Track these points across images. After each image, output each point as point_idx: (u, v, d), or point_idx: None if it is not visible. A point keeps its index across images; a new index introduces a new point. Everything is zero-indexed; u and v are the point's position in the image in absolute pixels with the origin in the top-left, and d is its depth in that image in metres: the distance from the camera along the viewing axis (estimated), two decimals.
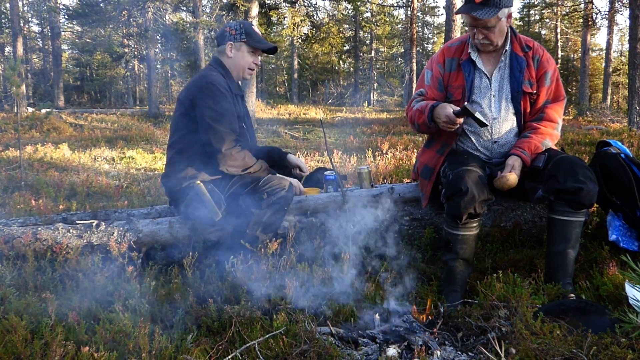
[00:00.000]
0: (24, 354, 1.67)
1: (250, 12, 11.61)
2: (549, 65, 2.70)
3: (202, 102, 2.62)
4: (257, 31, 2.82)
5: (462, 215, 2.37)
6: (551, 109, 2.70)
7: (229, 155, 2.61)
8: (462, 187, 2.35)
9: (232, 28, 2.78)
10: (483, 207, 2.41)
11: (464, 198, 2.34)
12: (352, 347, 1.90)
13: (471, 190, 2.34)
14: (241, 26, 2.78)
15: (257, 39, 2.79)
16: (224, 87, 2.67)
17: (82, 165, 6.83)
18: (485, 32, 2.57)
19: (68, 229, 2.62)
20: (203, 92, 2.63)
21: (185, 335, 1.90)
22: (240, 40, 2.76)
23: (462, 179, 2.37)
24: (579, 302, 2.14)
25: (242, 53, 2.79)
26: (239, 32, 2.76)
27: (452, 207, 2.40)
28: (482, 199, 2.37)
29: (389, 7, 24.45)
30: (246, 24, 2.81)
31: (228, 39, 2.77)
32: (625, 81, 23.64)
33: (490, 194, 2.43)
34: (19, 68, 5.15)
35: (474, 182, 2.36)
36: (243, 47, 2.78)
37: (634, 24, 9.28)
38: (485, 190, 2.40)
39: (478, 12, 2.49)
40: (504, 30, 2.62)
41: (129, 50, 23.05)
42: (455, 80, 2.74)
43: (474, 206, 2.35)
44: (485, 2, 2.48)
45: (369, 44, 29.97)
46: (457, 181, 2.38)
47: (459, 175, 2.40)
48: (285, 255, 2.41)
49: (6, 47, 27.11)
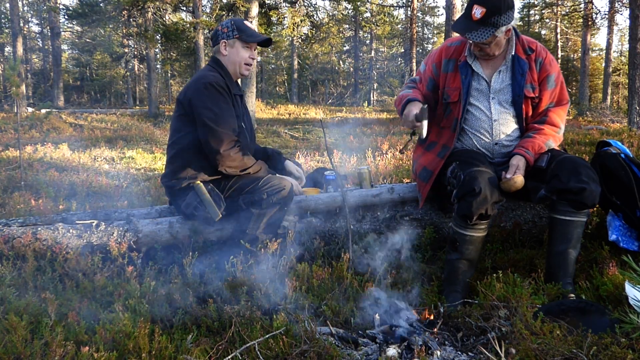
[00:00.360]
0: (24, 354, 1.67)
1: (250, 12, 11.61)
2: (552, 68, 2.65)
3: (200, 102, 2.62)
4: (249, 26, 2.81)
5: (474, 215, 2.36)
6: (554, 112, 2.66)
7: (227, 156, 2.60)
8: (475, 188, 2.33)
9: (223, 26, 2.78)
10: (494, 209, 2.40)
11: (477, 198, 2.33)
12: (352, 347, 1.90)
13: (484, 191, 2.33)
14: (232, 23, 2.78)
15: (249, 33, 2.79)
16: (222, 87, 2.67)
17: (82, 165, 6.82)
18: (480, 46, 2.55)
19: (68, 229, 2.62)
20: (201, 93, 2.63)
21: (185, 335, 1.90)
22: (233, 37, 2.76)
23: (476, 179, 2.35)
24: (579, 302, 2.14)
25: (237, 49, 2.78)
26: (230, 29, 2.76)
27: (464, 207, 2.38)
28: (494, 201, 2.37)
29: (389, 7, 24.43)
30: (237, 20, 2.80)
31: (221, 37, 2.77)
32: (625, 81, 23.65)
33: (502, 195, 2.43)
34: (18, 68, 5.15)
35: (486, 183, 2.35)
36: (237, 44, 2.77)
37: (634, 24, 9.28)
38: (497, 191, 2.39)
39: (473, 33, 2.44)
40: (502, 44, 2.57)
41: (129, 50, 23.06)
42: (452, 81, 2.72)
43: (486, 207, 2.35)
44: (483, 21, 2.42)
45: (369, 44, 29.97)
46: (470, 182, 2.36)
47: (472, 175, 2.38)
48: (285, 255, 2.41)
49: (6, 47, 27.11)
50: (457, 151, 2.72)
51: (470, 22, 2.45)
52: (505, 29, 2.47)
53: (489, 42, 2.49)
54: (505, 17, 2.42)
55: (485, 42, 2.47)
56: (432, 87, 2.84)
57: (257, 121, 13.27)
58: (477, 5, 2.41)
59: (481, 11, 2.40)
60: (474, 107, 2.68)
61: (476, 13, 2.41)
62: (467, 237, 2.44)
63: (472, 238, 2.44)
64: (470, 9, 2.44)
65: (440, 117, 2.82)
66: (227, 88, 2.70)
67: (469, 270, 2.48)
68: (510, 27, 2.52)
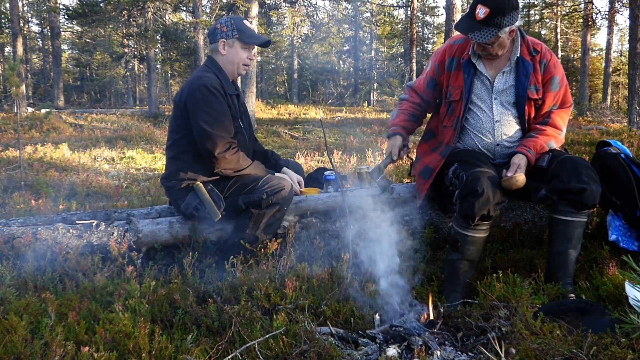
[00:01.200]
0: (24, 354, 1.67)
1: (250, 12, 11.61)
2: (557, 70, 2.63)
3: (194, 106, 2.61)
4: (248, 25, 2.78)
5: (476, 216, 2.35)
6: (557, 114, 2.65)
7: (222, 158, 2.60)
8: (477, 188, 2.33)
9: (223, 25, 2.74)
10: (496, 209, 2.39)
11: (479, 199, 2.32)
12: (352, 347, 1.90)
13: (487, 191, 2.32)
14: (232, 22, 2.74)
15: (249, 34, 2.76)
16: (216, 89, 2.64)
17: (82, 165, 6.82)
18: (483, 46, 2.53)
19: (68, 229, 2.62)
20: (195, 96, 2.61)
21: (185, 335, 1.90)
22: (233, 37, 2.73)
23: (478, 180, 2.35)
24: (579, 302, 2.14)
25: (235, 49, 2.75)
26: (230, 28, 2.72)
27: (466, 208, 2.38)
28: (496, 202, 2.36)
29: (389, 7, 24.44)
30: (237, 19, 2.77)
31: (220, 37, 2.73)
32: (625, 81, 23.64)
33: (504, 196, 2.42)
34: (18, 68, 5.15)
35: (489, 184, 2.35)
36: (236, 44, 2.75)
37: (634, 24, 9.28)
38: (499, 192, 2.38)
39: (475, 33, 2.42)
40: (506, 44, 2.55)
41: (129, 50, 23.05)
42: (455, 80, 2.71)
43: (489, 208, 2.34)
44: (486, 22, 2.39)
45: (369, 44, 29.96)
46: (473, 182, 2.36)
47: (474, 176, 2.37)
48: (285, 255, 2.41)
49: (6, 47, 27.08)
50: (459, 151, 2.71)
51: (473, 22, 2.43)
52: (509, 29, 2.46)
53: (491, 43, 2.47)
54: (509, 17, 2.40)
55: (488, 42, 2.45)
56: (433, 87, 2.84)
57: (257, 121, 13.26)
58: (480, 5, 2.39)
59: (485, 11, 2.37)
60: (476, 106, 2.67)
61: (480, 13, 2.39)
62: (469, 238, 2.44)
63: (473, 239, 2.44)
64: (474, 8, 2.42)
65: (443, 116, 2.82)
66: (221, 89, 2.68)
67: (469, 270, 2.48)
68: (515, 27, 2.50)
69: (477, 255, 2.49)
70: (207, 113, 2.59)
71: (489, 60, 2.66)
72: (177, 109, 2.72)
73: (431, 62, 2.84)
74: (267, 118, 15.94)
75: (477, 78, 2.67)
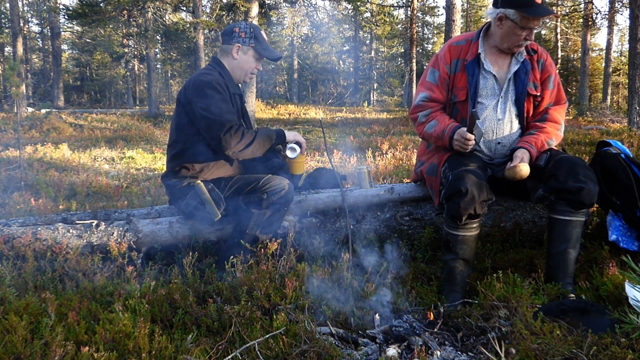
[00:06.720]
0: (24, 354, 1.67)
1: (250, 12, 11.61)
2: (552, 70, 2.75)
3: (198, 99, 2.61)
4: (264, 37, 2.80)
5: (462, 215, 2.37)
6: (554, 110, 2.73)
7: (229, 136, 2.55)
8: (461, 188, 2.35)
9: (242, 30, 2.74)
10: (483, 207, 2.41)
11: (464, 199, 2.34)
12: (352, 347, 1.90)
13: (471, 190, 2.34)
14: (251, 30, 2.75)
15: (264, 46, 2.78)
16: (221, 86, 2.65)
17: (82, 165, 6.83)
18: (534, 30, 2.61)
19: (68, 229, 2.62)
20: (199, 90, 2.62)
21: (185, 335, 1.90)
22: (249, 45, 2.74)
23: (462, 179, 2.37)
24: (579, 302, 2.14)
25: (248, 57, 2.77)
26: (248, 35, 2.73)
27: (452, 208, 2.40)
28: (482, 200, 2.37)
29: (389, 7, 24.43)
30: (256, 28, 2.78)
31: (236, 40, 2.73)
32: (625, 81, 23.65)
33: (491, 194, 2.43)
34: (18, 68, 5.15)
35: (473, 182, 2.36)
36: (250, 52, 2.76)
37: (634, 24, 9.29)
38: (485, 190, 2.40)
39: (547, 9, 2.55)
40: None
41: (129, 50, 23.07)
42: (459, 81, 2.73)
43: (474, 207, 2.35)
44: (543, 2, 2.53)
45: (369, 44, 29.98)
46: (456, 182, 2.38)
47: (458, 176, 2.40)
48: (285, 255, 2.41)
49: (6, 47, 27.09)
50: (455, 152, 2.72)
51: (539, 5, 2.53)
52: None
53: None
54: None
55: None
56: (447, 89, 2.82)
57: (257, 121, 13.27)
58: None
59: None
60: (481, 105, 2.69)
61: None
62: (460, 237, 2.45)
63: (464, 238, 2.45)
64: None
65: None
66: (226, 87, 2.70)
67: (466, 269, 2.48)
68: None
69: (471, 253, 2.50)
70: (210, 102, 2.58)
71: (494, 56, 2.71)
72: (180, 106, 2.72)
73: (440, 68, 2.78)
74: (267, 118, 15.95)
75: (482, 77, 2.69)
